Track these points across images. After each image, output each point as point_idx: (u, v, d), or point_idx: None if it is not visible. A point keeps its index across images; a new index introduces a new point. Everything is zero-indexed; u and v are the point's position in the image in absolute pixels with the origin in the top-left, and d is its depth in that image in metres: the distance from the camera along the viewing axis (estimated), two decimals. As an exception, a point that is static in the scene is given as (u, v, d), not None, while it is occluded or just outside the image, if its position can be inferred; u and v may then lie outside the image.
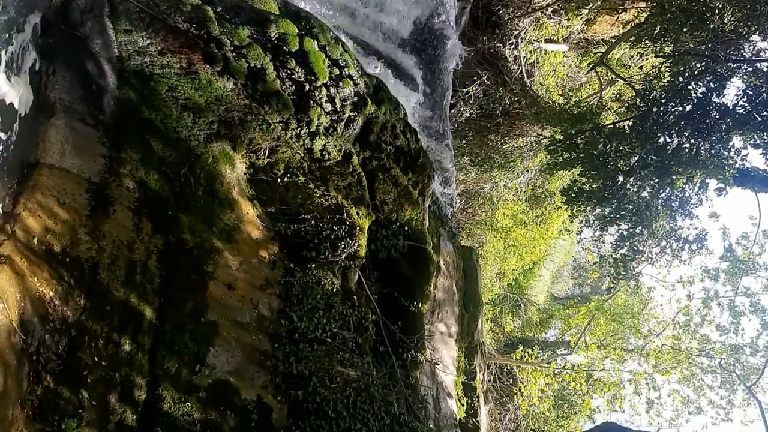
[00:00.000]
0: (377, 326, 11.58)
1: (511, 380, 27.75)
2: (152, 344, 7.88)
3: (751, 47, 12.65)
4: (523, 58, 21.60)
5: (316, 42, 9.82)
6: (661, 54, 15.21)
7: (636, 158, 13.10)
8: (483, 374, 17.01)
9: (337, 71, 10.21)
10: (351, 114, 10.79)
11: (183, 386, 7.92)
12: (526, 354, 26.81)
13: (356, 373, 10.22)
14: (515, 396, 26.55)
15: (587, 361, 27.73)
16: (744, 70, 12.47)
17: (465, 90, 21.87)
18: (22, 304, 6.17)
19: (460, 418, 14.00)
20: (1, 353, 5.64)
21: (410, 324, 12.22)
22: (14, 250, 6.46)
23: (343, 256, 10.76)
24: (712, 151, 12.36)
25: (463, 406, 14.37)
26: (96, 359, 7.07)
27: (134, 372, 7.48)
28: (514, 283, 31.22)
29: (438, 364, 13.17)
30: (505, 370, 28.18)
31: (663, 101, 12.98)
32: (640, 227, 15.05)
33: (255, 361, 9.22)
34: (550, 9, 20.18)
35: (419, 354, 12.07)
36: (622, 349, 27.03)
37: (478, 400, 15.01)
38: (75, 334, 6.90)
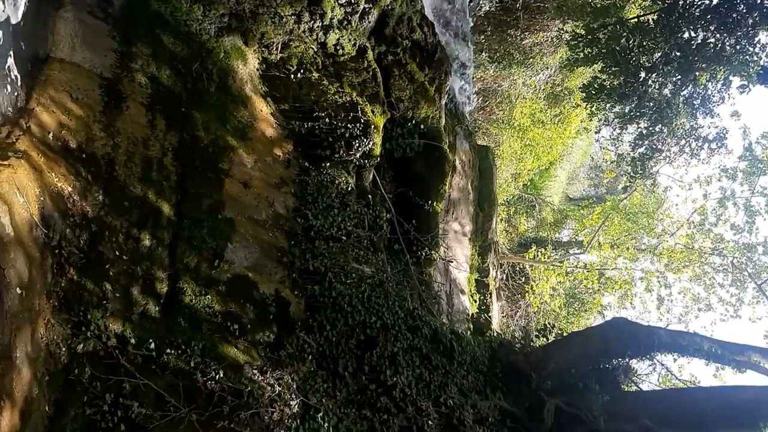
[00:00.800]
0: (392, 225, 11.69)
1: (523, 279, 28.24)
2: (171, 240, 8.01)
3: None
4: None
5: (328, -72, 9.33)
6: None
7: (659, 54, 12.62)
8: (496, 272, 17.30)
9: (351, -40, 9.76)
10: (366, 6, 10.40)
11: (203, 280, 8.12)
12: (539, 253, 27.12)
13: (371, 270, 10.41)
14: (527, 294, 27.11)
15: (599, 261, 28.12)
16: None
17: (485, -18, 20.94)
18: (42, 199, 6.23)
19: (472, 313, 14.38)
20: (25, 246, 5.76)
21: (425, 223, 12.32)
22: (30, 146, 6.46)
23: (358, 155, 10.71)
24: (737, 47, 11.87)
25: (475, 302, 14.71)
26: (117, 253, 7.23)
27: (155, 266, 7.65)
28: (529, 183, 31.12)
29: (452, 262, 13.39)
30: (517, 269, 28.61)
31: (690, -6, 12.35)
32: (659, 125, 14.73)
33: (272, 257, 9.40)
34: None
35: (433, 252, 12.24)
36: (635, 248, 27.27)
37: (491, 297, 15.35)
38: (95, 229, 7.01)
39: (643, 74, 12.89)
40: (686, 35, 12.40)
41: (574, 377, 11.50)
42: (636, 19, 13.67)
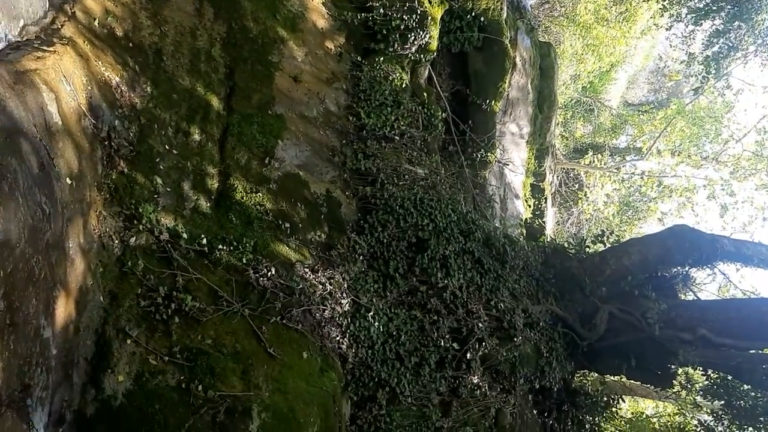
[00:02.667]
0: (447, 125, 11.25)
1: (577, 185, 27.54)
2: (221, 135, 7.83)
3: None
4: None
5: None
6: None
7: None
8: (552, 177, 16.78)
9: None
10: None
11: (254, 177, 7.97)
12: (596, 159, 26.27)
13: (424, 171, 10.11)
14: (579, 201, 26.53)
15: (659, 168, 27.13)
16: None
17: None
18: (89, 88, 6.04)
19: (525, 219, 14.07)
20: (74, 136, 5.63)
21: (481, 123, 11.83)
22: (76, 32, 6.21)
23: (413, 48, 10.15)
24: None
25: (529, 207, 14.35)
26: (167, 147, 7.09)
27: (205, 161, 7.51)
28: (588, 86, 29.82)
29: (507, 165, 12.95)
30: (571, 175, 27.86)
31: None
32: (738, 21, 13.58)
33: (323, 156, 9.16)
34: None
35: (489, 154, 11.81)
36: (698, 155, 26.11)
37: (546, 202, 14.93)
38: (144, 122, 6.85)
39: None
40: None
41: (630, 285, 11.22)
42: None
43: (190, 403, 6.04)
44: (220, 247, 7.14)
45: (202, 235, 7.04)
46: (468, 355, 8.99)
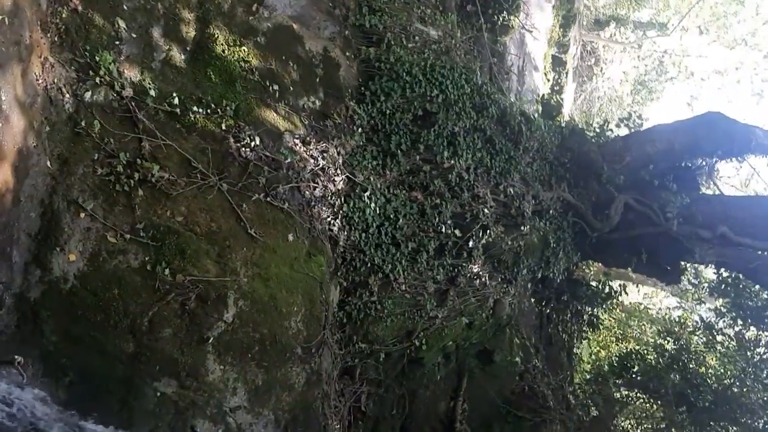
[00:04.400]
0: (467, -21, 9.79)
1: (593, 60, 25.90)
2: (199, -29, 6.53)
3: None
4: None
5: None
6: None
7: None
8: (576, 48, 15.32)
9: None
10: None
11: (238, 27, 6.77)
12: (618, 32, 24.49)
13: (437, 33, 8.84)
14: (594, 77, 25.06)
15: (682, 46, 25.48)
16: None
17: None
18: None
19: (543, 94, 12.86)
20: (2, -41, 4.44)
21: (506, -20, 10.35)
22: None
23: None
24: None
25: (548, 81, 13.09)
26: (132, -15, 5.84)
27: (180, 4, 6.28)
28: (617, -53, 27.28)
29: (531, 31, 11.54)
30: (588, 48, 26.11)
31: None
32: None
33: (322, 7, 7.89)
34: None
35: (512, 17, 10.40)
36: (729, 35, 24.32)
37: (566, 76, 13.65)
38: (102, -51, 5.55)
39: None
40: None
41: (651, 174, 10.31)
42: None
43: (155, 288, 5.30)
44: (195, 108, 6.10)
45: (174, 94, 5.96)
46: (470, 243, 8.24)
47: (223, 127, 6.26)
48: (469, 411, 9.14)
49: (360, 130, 7.77)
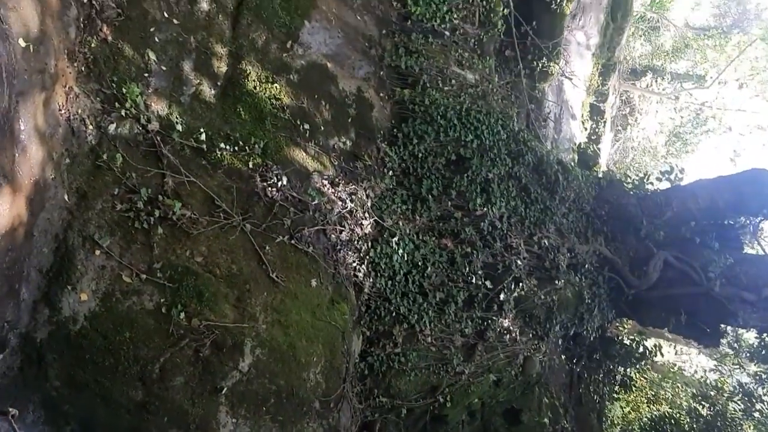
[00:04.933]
0: (507, 24, 9.55)
1: (628, 109, 25.57)
2: (235, 7, 6.40)
3: None
4: None
5: None
6: None
7: None
8: (615, 98, 15.01)
9: None
10: None
11: (271, 64, 6.59)
12: (654, 82, 24.19)
13: (474, 77, 8.60)
14: (629, 126, 24.73)
15: (718, 99, 25.09)
16: None
17: None
18: (60, -76, 4.63)
19: (579, 143, 12.52)
20: (32, -15, 4.30)
21: (547, 26, 10.11)
22: None
23: (479, -75, 8.40)
24: None
25: (585, 129, 12.76)
26: (166, 14, 5.70)
27: (213, 38, 6.12)
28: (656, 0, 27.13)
29: (571, 78, 11.27)
30: (623, 98, 25.81)
31: None
32: None
33: (357, 47, 7.70)
34: None
35: (551, 63, 10.15)
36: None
37: (604, 126, 13.31)
38: (137, -21, 5.43)
39: None
40: None
41: (692, 231, 9.82)
42: None
43: (168, 333, 5.00)
44: (223, 145, 5.88)
45: (202, 129, 5.76)
46: (501, 295, 7.84)
47: (250, 166, 6.03)
48: (493, 474, 8.61)
49: (391, 173, 7.51)
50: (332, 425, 6.10)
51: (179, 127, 5.62)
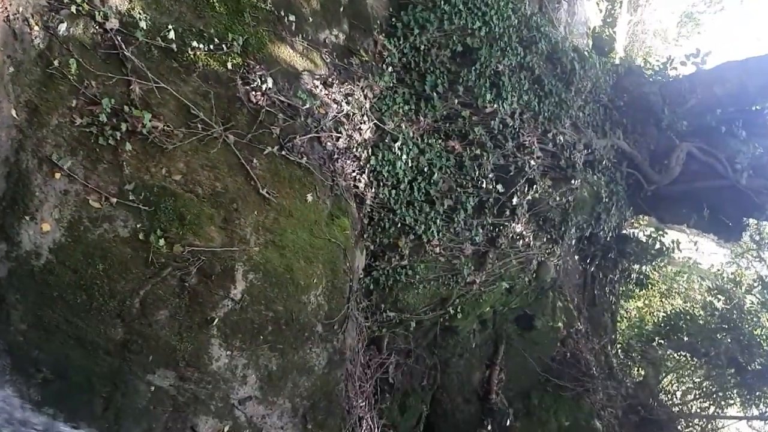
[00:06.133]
0: None
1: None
2: None
3: None
4: None
5: None
6: None
7: None
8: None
9: None
10: None
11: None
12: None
13: (480, -46, 7.57)
14: (639, 8, 23.30)
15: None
16: None
17: None
18: None
19: (594, 27, 11.49)
20: None
21: None
22: None
23: None
24: None
25: (601, 11, 11.68)
26: None
27: None
28: None
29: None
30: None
31: None
32: None
33: None
34: None
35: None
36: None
37: (620, 6, 12.21)
38: None
39: None
40: None
41: (718, 119, 9.13)
42: None
43: (148, 262, 4.45)
44: (196, 44, 5.07)
45: (170, 26, 4.94)
46: (514, 199, 7.26)
47: (229, 67, 5.25)
48: (505, 380, 8.37)
49: (390, 69, 6.72)
50: (337, 348, 5.70)
51: (143, 24, 4.81)
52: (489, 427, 7.97)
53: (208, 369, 4.64)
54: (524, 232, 7.53)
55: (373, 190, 6.36)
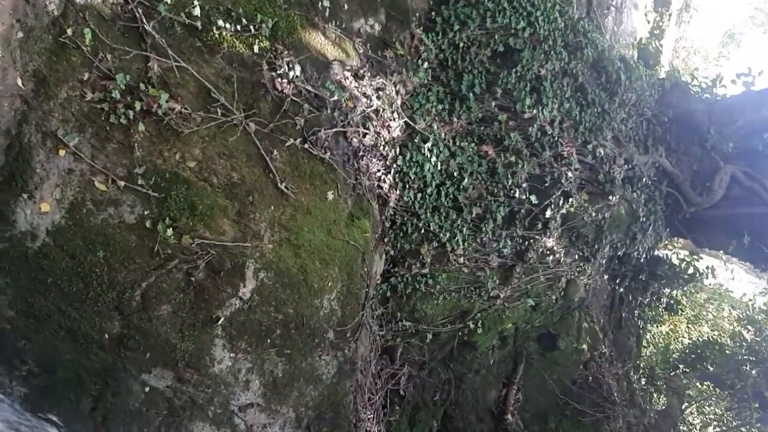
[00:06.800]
0: None
1: (683, 4, 23.33)
2: None
3: None
4: None
5: None
6: None
7: None
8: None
9: None
10: None
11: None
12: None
13: (529, -48, 7.18)
14: (682, 23, 22.64)
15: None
16: None
17: None
18: None
19: (640, 38, 11.01)
20: None
21: None
22: None
23: None
24: None
25: (648, 22, 11.20)
26: None
27: None
28: None
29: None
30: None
31: None
32: None
33: None
34: None
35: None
36: None
37: (669, 19, 11.71)
38: None
39: None
40: None
41: (765, 143, 8.60)
42: None
43: (153, 252, 4.16)
44: (222, 23, 4.75)
45: (196, 2, 4.63)
46: (547, 212, 6.85)
47: (256, 50, 4.93)
48: (522, 401, 7.96)
49: (426, 65, 6.35)
50: (348, 356, 5.35)
51: (167, -1, 4.51)
52: (502, 450, 7.58)
53: (209, 371, 4.32)
54: (555, 248, 7.12)
55: (398, 192, 5.99)
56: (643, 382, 10.63)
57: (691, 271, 10.02)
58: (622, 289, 9.52)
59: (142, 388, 4.04)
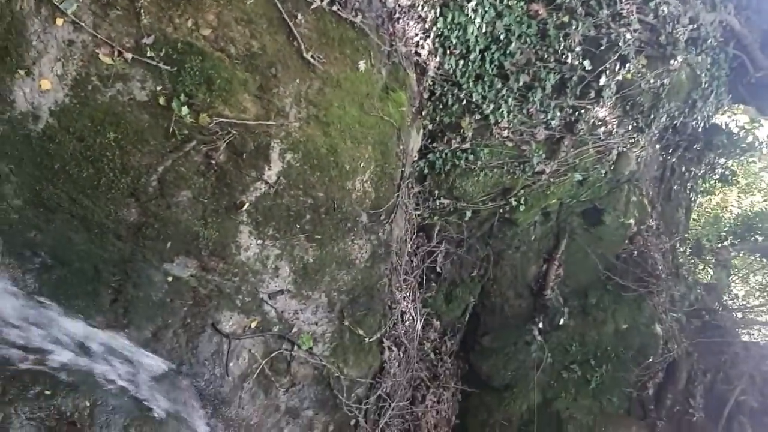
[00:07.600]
0: None
1: None
2: None
3: None
4: None
5: None
6: None
7: None
8: None
9: None
10: None
11: None
12: None
13: None
14: None
15: None
16: None
17: None
18: None
19: None
20: None
21: None
22: None
23: None
24: None
25: None
26: None
27: None
28: None
29: None
30: None
31: None
32: None
33: None
34: None
35: None
36: None
37: None
38: None
39: None
40: None
41: None
42: None
43: (169, 133, 3.79)
44: None
45: None
46: (601, 78, 6.21)
47: None
48: (563, 277, 7.74)
49: None
50: (383, 240, 5.08)
51: None
52: (540, 324, 7.46)
53: (236, 259, 4.10)
54: (608, 118, 6.54)
55: (438, 59, 5.42)
56: (690, 256, 10.29)
57: (750, 139, 9.33)
58: (674, 160, 8.93)
59: (164, 278, 3.84)
